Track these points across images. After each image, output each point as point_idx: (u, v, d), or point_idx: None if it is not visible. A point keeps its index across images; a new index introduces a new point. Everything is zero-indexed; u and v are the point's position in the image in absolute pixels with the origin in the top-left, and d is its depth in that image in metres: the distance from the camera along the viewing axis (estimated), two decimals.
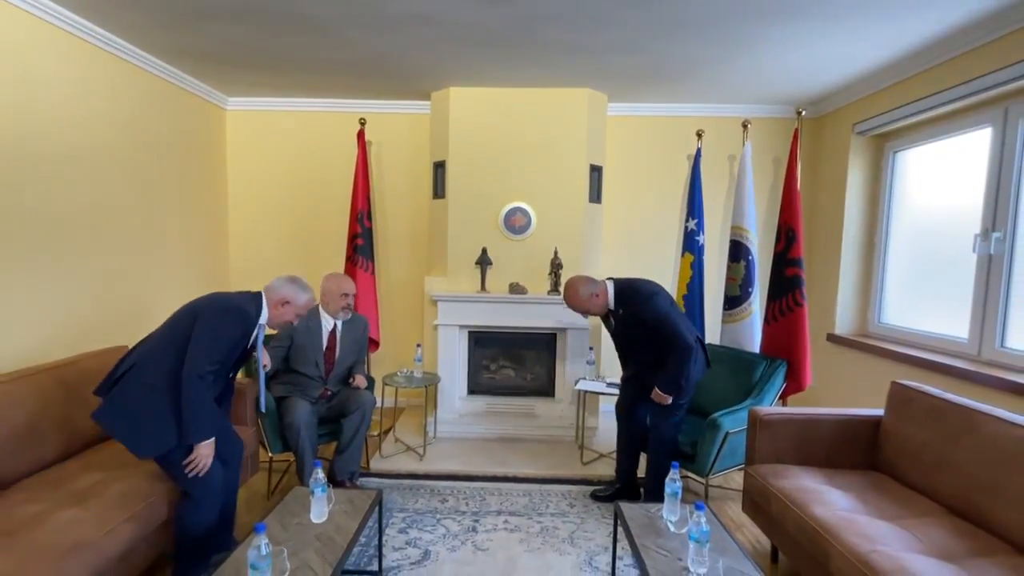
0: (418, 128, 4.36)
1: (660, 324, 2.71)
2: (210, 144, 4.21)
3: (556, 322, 3.92)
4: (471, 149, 3.99)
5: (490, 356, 4.28)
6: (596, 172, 4.10)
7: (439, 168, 4.12)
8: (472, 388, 4.19)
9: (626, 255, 4.41)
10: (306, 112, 4.38)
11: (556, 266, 3.88)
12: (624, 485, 3.03)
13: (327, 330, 3.05)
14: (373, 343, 4.18)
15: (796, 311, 3.49)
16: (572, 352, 4.00)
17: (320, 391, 3.03)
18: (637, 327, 2.81)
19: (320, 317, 3.04)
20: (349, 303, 3.06)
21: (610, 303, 2.86)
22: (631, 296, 2.82)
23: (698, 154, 4.09)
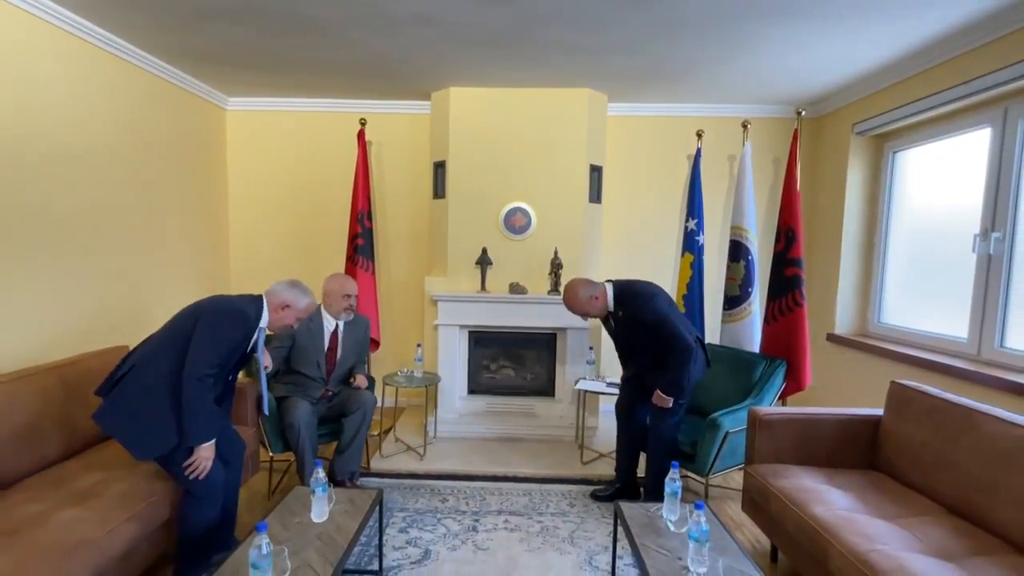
0: (418, 128, 4.36)
1: (660, 325, 2.72)
2: (210, 144, 4.21)
3: (556, 322, 3.92)
4: (471, 149, 4.00)
5: (490, 356, 4.28)
6: (596, 172, 4.10)
7: (439, 168, 4.12)
8: (472, 388, 4.19)
9: (626, 255, 4.42)
10: (306, 112, 4.38)
11: (556, 266, 3.88)
12: (624, 485, 3.04)
13: (329, 331, 3.05)
14: (373, 343, 4.18)
15: (796, 311, 3.49)
16: (572, 352, 4.00)
17: (321, 391, 3.03)
18: (637, 329, 2.82)
19: (322, 318, 3.04)
20: (351, 304, 3.06)
21: (609, 305, 2.86)
22: (630, 298, 2.82)
23: (698, 154, 4.09)
